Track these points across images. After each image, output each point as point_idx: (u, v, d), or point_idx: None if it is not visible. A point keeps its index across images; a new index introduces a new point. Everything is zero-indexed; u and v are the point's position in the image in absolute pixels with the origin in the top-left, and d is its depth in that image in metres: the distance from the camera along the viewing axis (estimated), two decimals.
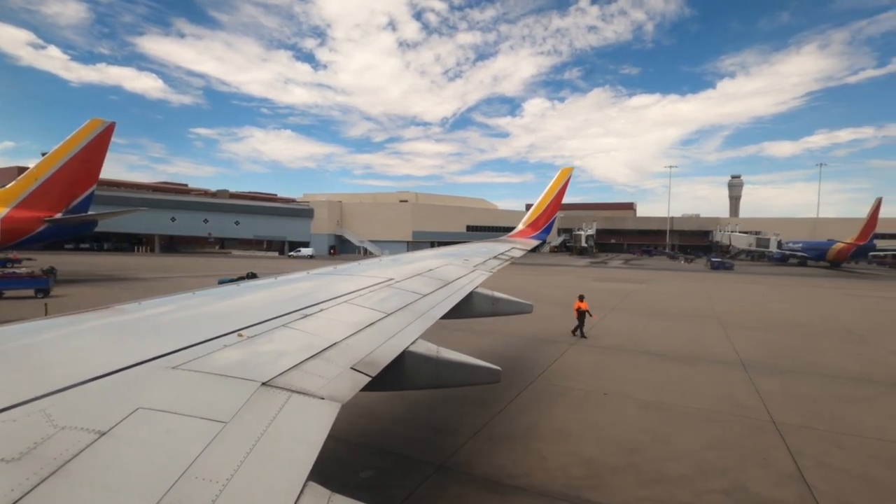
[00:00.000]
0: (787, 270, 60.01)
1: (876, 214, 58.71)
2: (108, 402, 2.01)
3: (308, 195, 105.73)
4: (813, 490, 6.56)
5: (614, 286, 35.38)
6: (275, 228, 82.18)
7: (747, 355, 14.36)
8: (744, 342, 16.26)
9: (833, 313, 23.88)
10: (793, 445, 8.03)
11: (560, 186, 14.97)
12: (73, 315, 3.21)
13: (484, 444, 7.82)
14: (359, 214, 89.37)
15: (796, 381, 11.85)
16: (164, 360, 2.48)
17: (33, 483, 1.45)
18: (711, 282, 41.56)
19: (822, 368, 13.03)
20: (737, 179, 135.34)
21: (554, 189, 14.99)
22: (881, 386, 11.56)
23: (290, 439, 2.05)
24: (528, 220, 15.12)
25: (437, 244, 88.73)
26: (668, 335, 17.30)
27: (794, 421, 9.14)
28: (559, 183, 15.03)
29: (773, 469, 7.18)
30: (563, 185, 15.02)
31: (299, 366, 2.74)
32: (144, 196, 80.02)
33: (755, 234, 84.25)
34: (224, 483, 1.65)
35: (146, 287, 28.50)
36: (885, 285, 43.15)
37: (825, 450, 7.91)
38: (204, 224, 79.16)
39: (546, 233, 14.93)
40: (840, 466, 7.32)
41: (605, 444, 7.96)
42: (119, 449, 1.72)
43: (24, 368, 2.37)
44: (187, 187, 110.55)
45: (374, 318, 4.04)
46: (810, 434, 8.56)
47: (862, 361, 13.94)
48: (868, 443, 8.21)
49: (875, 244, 62.07)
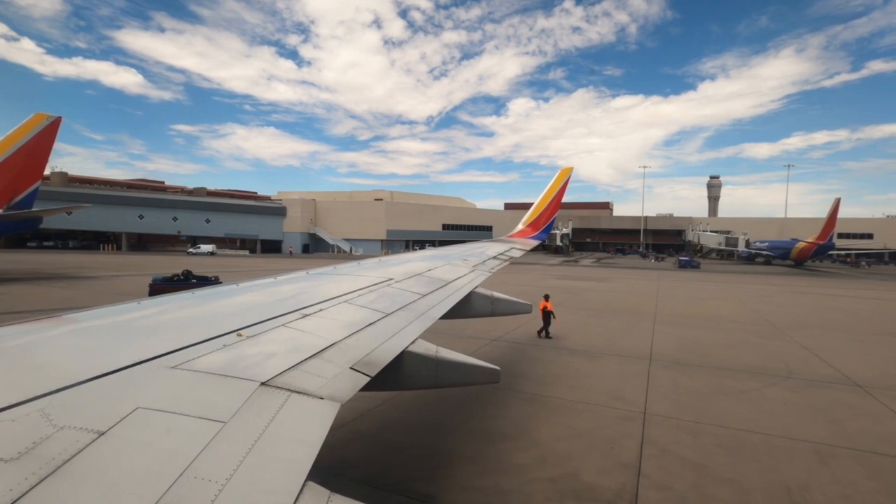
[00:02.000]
0: (751, 269, 61.63)
1: (835, 215, 60.60)
2: (107, 402, 2.00)
3: (282, 193, 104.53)
4: (641, 477, 6.79)
5: (572, 284, 35.85)
6: (246, 227, 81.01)
7: (660, 350, 14.72)
8: (664, 338, 16.64)
9: (768, 310, 24.61)
10: (649, 435, 8.27)
11: (560, 186, 14.98)
12: (72, 314, 3.19)
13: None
14: (333, 213, 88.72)
15: (691, 374, 12.19)
16: (163, 360, 2.47)
17: (32, 483, 1.45)
18: (671, 280, 42.39)
19: (724, 362, 13.42)
20: (715, 180, 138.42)
21: (554, 189, 15.00)
22: (770, 378, 11.96)
23: (289, 439, 2.06)
24: (527, 220, 15.10)
25: (412, 243, 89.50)
26: (593, 331, 17.58)
27: (664, 412, 9.41)
28: (559, 183, 15.03)
29: (613, 458, 7.39)
30: (564, 184, 15.03)
31: (298, 366, 2.75)
32: (111, 193, 78.21)
33: (724, 234, 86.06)
34: (223, 483, 1.65)
35: (85, 287, 27.75)
36: (836, 283, 44.64)
37: (677, 439, 8.16)
38: (173, 222, 77.84)
39: (546, 233, 14.96)
40: (682, 455, 7.57)
41: (469, 437, 8.08)
42: (118, 449, 1.71)
43: (23, 368, 2.34)
44: (163, 184, 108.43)
45: (374, 318, 4.05)
46: (672, 424, 8.82)
47: (765, 355, 14.43)
48: (723, 432, 8.50)
49: (834, 243, 64.08)
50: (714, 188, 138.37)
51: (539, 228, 14.73)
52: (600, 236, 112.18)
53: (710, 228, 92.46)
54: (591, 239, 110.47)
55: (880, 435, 8.51)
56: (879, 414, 9.61)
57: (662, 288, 34.90)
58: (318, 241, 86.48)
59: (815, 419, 9.24)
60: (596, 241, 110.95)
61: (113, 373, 2.24)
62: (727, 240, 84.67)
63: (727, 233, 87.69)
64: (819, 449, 7.87)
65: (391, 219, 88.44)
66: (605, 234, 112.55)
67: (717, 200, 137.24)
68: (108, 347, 2.70)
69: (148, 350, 2.55)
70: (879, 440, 8.27)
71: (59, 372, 2.19)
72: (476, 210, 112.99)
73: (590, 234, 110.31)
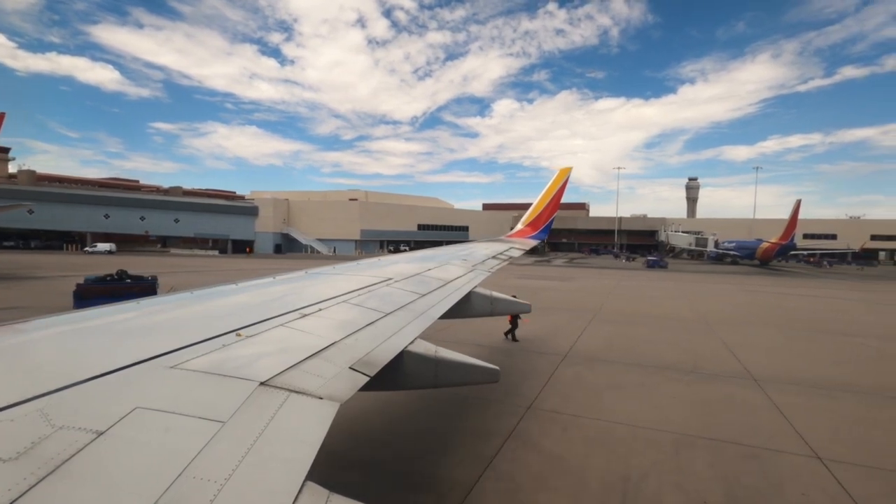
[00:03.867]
0: (717, 269, 63.03)
1: (795, 216, 62.39)
2: (105, 402, 1.98)
3: (255, 192, 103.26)
4: (488, 469, 6.93)
5: (534, 283, 36.16)
6: (216, 226, 79.63)
7: (582, 346, 15.00)
8: (594, 334, 16.96)
9: (712, 308, 25.21)
10: (520, 429, 8.42)
11: (559, 186, 15.03)
12: (71, 314, 3.14)
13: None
14: (306, 212, 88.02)
15: (599, 369, 12.47)
16: (161, 360, 2.45)
17: (31, 483, 1.44)
18: (632, 280, 43.02)
19: (638, 358, 13.68)
20: (693, 182, 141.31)
21: (553, 189, 15.05)
22: (673, 373, 12.25)
23: (288, 439, 2.06)
24: (526, 219, 15.15)
25: (386, 243, 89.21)
26: (526, 328, 17.69)
27: (550, 406, 9.60)
28: (558, 182, 15.08)
29: (473, 451, 7.54)
30: (563, 184, 15.08)
31: (298, 365, 2.74)
32: (75, 192, 76.13)
33: (694, 235, 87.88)
34: (222, 483, 1.65)
35: (27, 287, 26.94)
36: (793, 282, 45.91)
37: (547, 432, 8.34)
38: (141, 222, 76.38)
39: (545, 233, 14.99)
40: (543, 447, 7.74)
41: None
42: (117, 449, 1.70)
43: (22, 368, 2.31)
44: (137, 183, 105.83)
45: (373, 318, 4.05)
46: (549, 418, 8.99)
47: (682, 351, 14.78)
48: (596, 425, 8.71)
49: (796, 244, 65.88)
50: (692, 189, 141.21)
51: (538, 228, 14.86)
52: (576, 236, 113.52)
53: (681, 229, 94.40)
54: (568, 239, 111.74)
55: (746, 426, 8.84)
56: (758, 407, 9.95)
57: (620, 287, 35.44)
58: (291, 241, 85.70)
59: (692, 412, 9.53)
60: (572, 242, 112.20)
61: (111, 372, 2.23)
62: (697, 240, 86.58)
63: (697, 233, 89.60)
64: (679, 440, 8.14)
65: (365, 219, 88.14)
66: (582, 235, 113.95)
67: (696, 202, 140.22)
68: (107, 347, 2.69)
69: (146, 350, 2.54)
70: (742, 431, 8.58)
71: (57, 372, 2.18)
72: (453, 210, 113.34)
73: (566, 234, 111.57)
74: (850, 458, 7.59)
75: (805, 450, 7.87)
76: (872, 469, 7.25)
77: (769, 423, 9.06)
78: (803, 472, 7.12)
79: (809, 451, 7.82)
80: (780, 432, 8.59)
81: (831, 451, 7.79)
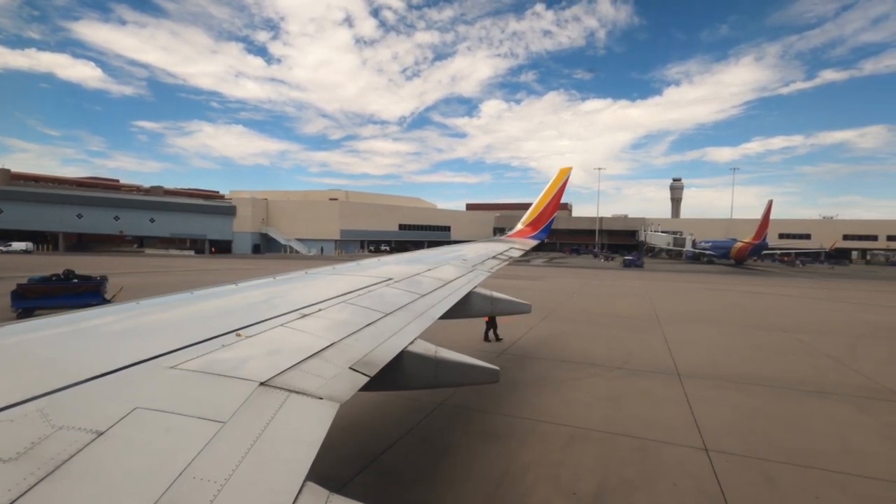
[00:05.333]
0: (692, 268, 63.78)
1: (767, 216, 63.64)
2: (105, 402, 1.97)
3: (234, 192, 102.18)
4: (378, 461, 7.03)
5: (501, 283, 36.07)
6: (193, 226, 78.60)
7: (523, 344, 15.08)
8: (539, 333, 17.00)
9: (668, 306, 25.51)
10: (422, 425, 8.51)
11: (559, 186, 15.03)
12: (71, 314, 3.12)
13: None
14: (285, 212, 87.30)
15: (527, 365, 12.60)
16: (161, 360, 2.44)
17: (31, 483, 1.43)
18: (601, 279, 43.29)
19: (572, 355, 13.76)
20: (677, 182, 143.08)
21: (553, 188, 15.05)
22: (600, 369, 12.39)
23: (288, 439, 2.05)
24: (527, 219, 15.14)
25: (367, 243, 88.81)
26: (476, 325, 17.92)
27: (459, 402, 9.61)
28: (558, 182, 15.08)
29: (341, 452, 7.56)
30: (562, 184, 15.07)
31: (297, 365, 2.74)
32: (46, 191, 74.46)
33: (673, 234, 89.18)
34: (222, 483, 1.65)
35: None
36: (760, 281, 46.56)
37: (449, 429, 8.44)
38: (115, 221, 75.16)
39: (545, 232, 14.99)
40: (438, 443, 7.85)
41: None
42: (117, 449, 1.70)
43: (21, 368, 2.28)
44: (117, 182, 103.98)
45: (373, 318, 4.04)
46: (455, 414, 9.04)
47: (618, 347, 14.93)
48: (494, 420, 8.81)
49: (767, 243, 67.19)
50: (676, 190, 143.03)
51: (539, 228, 14.88)
52: (558, 236, 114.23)
53: (660, 229, 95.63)
54: (549, 239, 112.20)
55: (647, 419, 8.99)
56: (669, 401, 10.11)
57: (587, 287, 35.73)
58: (270, 241, 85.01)
59: (600, 406, 9.66)
60: (554, 242, 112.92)
61: (111, 373, 2.22)
62: (675, 240, 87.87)
63: (676, 233, 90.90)
64: (575, 433, 8.29)
65: (345, 218, 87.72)
66: (564, 235, 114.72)
67: (680, 202, 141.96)
68: (107, 347, 2.68)
69: (146, 350, 2.53)
70: (642, 424, 8.73)
71: (57, 372, 2.17)
72: (435, 210, 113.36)
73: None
74: (737, 449, 7.80)
75: (696, 442, 8.05)
76: (752, 459, 7.45)
77: (673, 416, 9.25)
78: (685, 463, 7.30)
79: (700, 443, 8.01)
80: (680, 425, 8.78)
81: (721, 443, 7.99)
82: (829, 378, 12.15)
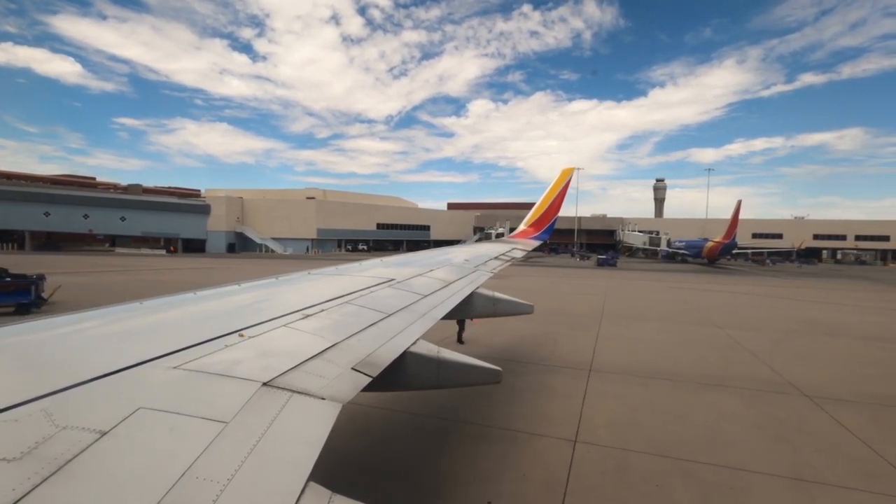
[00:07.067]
0: (664, 267, 64.72)
1: (736, 216, 64.74)
2: (109, 402, 1.98)
3: (209, 191, 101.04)
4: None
5: None
6: (165, 225, 77.62)
7: (452, 343, 15.23)
8: (475, 331, 17.19)
9: (621, 304, 25.69)
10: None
11: (562, 186, 15.06)
12: (74, 314, 3.12)
13: None
14: (261, 211, 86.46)
15: None
16: (164, 360, 2.45)
17: (34, 483, 1.44)
18: (570, 278, 43.40)
19: (494, 353, 13.67)
20: (660, 183, 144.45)
21: (555, 189, 15.07)
22: (525, 366, 12.40)
23: (291, 439, 2.06)
24: (529, 220, 15.13)
25: (344, 242, 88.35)
26: (438, 327, 17.98)
27: (371, 403, 9.69)
28: (560, 183, 15.12)
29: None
30: (565, 185, 15.12)
31: (300, 366, 2.75)
32: (10, 188, 72.73)
33: (649, 234, 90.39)
34: (225, 483, 1.66)
35: None
36: (726, 279, 47.10)
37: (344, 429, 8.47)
38: (84, 220, 73.81)
39: (547, 233, 15.02)
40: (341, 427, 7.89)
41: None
42: (120, 449, 1.71)
43: (25, 368, 2.30)
44: (94, 181, 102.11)
45: (375, 319, 4.05)
46: (363, 412, 8.96)
47: (545, 345, 14.93)
48: (401, 417, 8.77)
49: (737, 242, 68.40)
50: (659, 190, 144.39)
51: (541, 228, 14.92)
52: None
53: (637, 229, 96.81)
54: None
55: (531, 413, 9.00)
56: (565, 394, 10.10)
57: (553, 286, 35.79)
58: (245, 240, 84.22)
59: (509, 402, 9.57)
60: None
61: (115, 373, 2.23)
62: (651, 239, 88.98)
63: (652, 233, 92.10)
64: (450, 427, 8.36)
65: (322, 217, 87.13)
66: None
67: (663, 202, 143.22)
68: (110, 347, 2.68)
69: (149, 350, 2.54)
70: (522, 417, 8.78)
71: (61, 372, 2.18)
72: (414, 209, 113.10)
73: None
74: (605, 440, 7.91)
75: (570, 434, 8.14)
76: (615, 450, 7.56)
77: (559, 409, 9.31)
78: (545, 454, 7.38)
79: (573, 435, 8.13)
80: (562, 418, 8.85)
81: (593, 435, 8.09)
82: (736, 372, 12.37)
